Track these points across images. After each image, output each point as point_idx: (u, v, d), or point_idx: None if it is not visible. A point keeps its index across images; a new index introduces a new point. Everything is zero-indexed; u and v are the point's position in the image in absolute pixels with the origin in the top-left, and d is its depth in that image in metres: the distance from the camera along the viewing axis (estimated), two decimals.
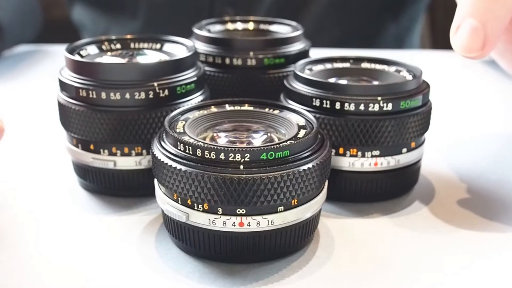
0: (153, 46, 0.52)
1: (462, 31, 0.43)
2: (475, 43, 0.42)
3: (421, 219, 0.46)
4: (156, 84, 0.45)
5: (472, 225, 0.45)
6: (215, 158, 0.37)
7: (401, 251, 0.42)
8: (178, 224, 0.40)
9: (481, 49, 0.42)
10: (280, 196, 0.37)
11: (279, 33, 0.59)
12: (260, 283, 0.38)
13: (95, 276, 0.39)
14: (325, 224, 0.45)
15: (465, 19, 0.43)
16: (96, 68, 0.45)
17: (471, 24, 0.42)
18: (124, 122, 0.45)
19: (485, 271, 0.40)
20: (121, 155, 0.46)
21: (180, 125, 0.41)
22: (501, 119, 0.68)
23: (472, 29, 0.42)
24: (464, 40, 0.43)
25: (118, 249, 0.42)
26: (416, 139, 0.47)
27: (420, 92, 0.46)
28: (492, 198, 0.49)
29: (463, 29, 0.43)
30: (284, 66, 0.54)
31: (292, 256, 0.41)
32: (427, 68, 0.51)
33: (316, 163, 0.38)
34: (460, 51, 0.43)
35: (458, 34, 0.43)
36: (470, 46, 0.42)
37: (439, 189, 0.50)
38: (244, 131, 0.43)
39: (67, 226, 0.45)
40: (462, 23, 0.43)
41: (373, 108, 0.44)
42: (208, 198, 0.37)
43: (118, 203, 0.48)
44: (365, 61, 0.52)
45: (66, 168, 0.52)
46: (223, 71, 0.54)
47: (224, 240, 0.39)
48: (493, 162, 0.55)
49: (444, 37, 0.57)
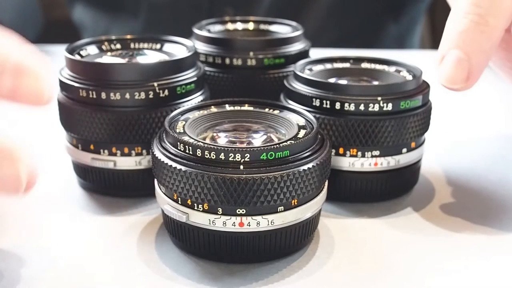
0: (153, 46, 0.52)
1: (446, 62, 0.43)
2: (460, 75, 0.42)
3: (421, 219, 0.46)
4: (156, 84, 0.45)
5: (472, 225, 0.45)
6: (215, 158, 0.37)
7: (401, 251, 0.42)
8: (178, 224, 0.40)
9: (465, 81, 0.42)
10: (280, 196, 0.37)
11: (279, 33, 0.59)
12: (260, 283, 0.38)
13: (95, 276, 0.39)
14: (325, 224, 0.45)
15: (450, 50, 0.43)
16: (96, 68, 0.45)
17: (456, 55, 0.42)
18: (124, 122, 0.45)
19: (485, 271, 0.40)
20: (121, 155, 0.46)
21: (180, 125, 0.41)
22: (501, 119, 0.68)
23: (457, 61, 0.42)
24: (448, 71, 0.43)
25: (118, 249, 0.42)
26: (416, 139, 0.47)
27: (420, 92, 0.46)
28: (492, 198, 0.49)
29: (448, 61, 0.43)
30: (284, 66, 0.54)
31: (292, 256, 0.41)
32: (427, 68, 0.51)
33: (316, 163, 0.38)
34: (444, 82, 0.43)
35: (443, 65, 0.43)
36: (454, 78, 0.42)
37: (439, 189, 0.50)
38: (244, 131, 0.43)
39: (67, 226, 0.45)
40: (447, 54, 0.43)
41: (373, 108, 0.44)
42: (208, 198, 0.37)
43: (118, 203, 0.48)
44: (365, 61, 0.52)
45: (66, 168, 0.52)
46: (223, 71, 0.54)
47: (224, 240, 0.39)
48: (493, 162, 0.55)
49: None
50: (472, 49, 0.42)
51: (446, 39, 0.44)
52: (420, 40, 1.12)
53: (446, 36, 0.44)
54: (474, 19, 0.43)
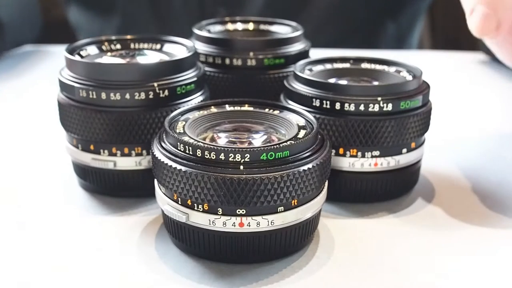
0: (153, 46, 0.52)
1: (476, 15, 0.46)
2: (489, 26, 0.46)
3: (421, 219, 0.46)
4: (156, 84, 0.45)
5: (472, 225, 0.45)
6: (215, 159, 0.37)
7: (401, 251, 0.42)
8: (178, 225, 0.40)
9: (495, 30, 0.46)
10: (280, 197, 0.37)
11: (279, 33, 0.59)
12: (260, 283, 0.38)
13: (96, 276, 0.39)
14: (325, 224, 0.45)
15: (477, 5, 0.46)
16: (96, 69, 0.45)
17: (483, 10, 0.45)
18: (124, 122, 0.45)
19: (485, 271, 0.40)
20: (121, 155, 0.46)
21: (180, 125, 0.41)
22: (501, 119, 0.68)
23: (484, 15, 0.45)
24: (478, 23, 0.46)
25: (118, 249, 0.42)
26: (416, 140, 0.47)
27: (420, 93, 0.46)
28: (492, 198, 0.49)
29: (476, 14, 0.46)
30: (284, 66, 0.54)
31: (292, 256, 0.41)
32: (427, 68, 0.51)
33: (316, 163, 0.38)
34: (475, 33, 0.47)
35: (473, 17, 0.46)
36: (484, 29, 0.46)
37: (439, 189, 0.51)
38: (244, 132, 0.43)
39: (67, 226, 0.45)
40: (475, 8, 0.46)
41: (373, 108, 0.44)
42: (208, 198, 0.37)
43: (118, 203, 0.48)
44: (365, 61, 0.52)
45: (66, 168, 0.52)
46: (223, 71, 0.54)
47: (224, 241, 0.39)
48: (493, 162, 0.55)
49: (444, 37, 0.57)
50: (497, 7, 0.46)
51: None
52: (419, 40, 1.12)
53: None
54: None
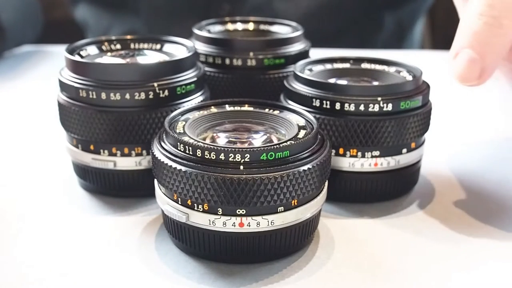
0: (153, 46, 0.52)
1: (460, 60, 0.43)
2: (472, 73, 0.43)
3: (421, 219, 0.46)
4: (156, 84, 0.45)
5: (472, 225, 0.45)
6: (215, 159, 0.37)
7: (401, 252, 0.42)
8: (178, 225, 0.40)
9: (477, 78, 0.43)
10: (280, 197, 0.37)
11: (279, 33, 0.59)
12: (260, 283, 0.38)
13: (96, 276, 0.39)
14: (325, 224, 0.45)
15: (463, 49, 0.43)
16: (96, 69, 0.45)
17: (469, 55, 0.43)
18: (124, 122, 0.45)
19: (485, 271, 0.40)
20: (121, 155, 0.46)
21: (180, 125, 0.41)
22: (501, 119, 0.68)
23: (470, 60, 0.43)
24: (461, 69, 0.43)
25: (118, 249, 0.42)
26: (416, 140, 0.47)
27: (420, 93, 0.46)
28: (492, 199, 0.49)
29: (461, 59, 0.43)
30: (284, 66, 0.54)
31: (292, 256, 0.41)
32: (427, 68, 0.51)
33: (316, 163, 0.38)
34: (457, 79, 0.44)
35: (456, 62, 0.44)
36: (467, 76, 0.43)
37: (439, 189, 0.51)
38: (244, 132, 0.43)
39: (67, 226, 0.45)
40: (461, 52, 0.44)
41: (373, 108, 0.44)
42: (208, 198, 0.37)
43: (118, 203, 0.48)
44: (365, 61, 0.52)
45: (66, 168, 0.52)
46: (223, 71, 0.54)
47: (224, 241, 0.39)
48: (493, 162, 0.55)
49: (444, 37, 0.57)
50: (485, 50, 0.43)
51: (460, 36, 0.44)
52: (420, 39, 1.12)
53: (460, 33, 0.45)
54: (488, 21, 0.43)
